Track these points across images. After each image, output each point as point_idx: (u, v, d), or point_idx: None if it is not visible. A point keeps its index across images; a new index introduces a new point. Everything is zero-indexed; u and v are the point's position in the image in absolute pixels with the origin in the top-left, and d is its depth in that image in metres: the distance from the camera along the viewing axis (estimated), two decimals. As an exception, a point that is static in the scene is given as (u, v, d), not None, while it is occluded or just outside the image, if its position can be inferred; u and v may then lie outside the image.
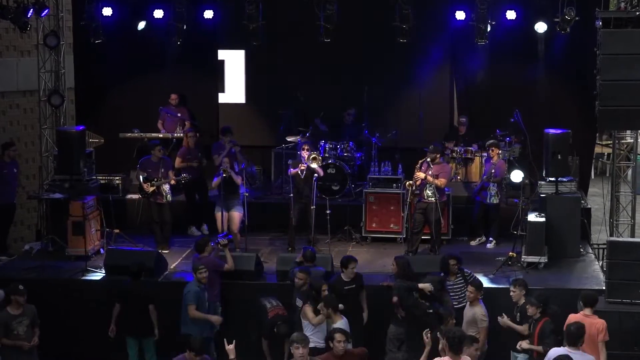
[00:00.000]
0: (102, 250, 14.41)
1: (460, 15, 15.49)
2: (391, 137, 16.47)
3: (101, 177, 15.63)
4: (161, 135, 16.51)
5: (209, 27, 16.68)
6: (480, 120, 16.55)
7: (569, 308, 11.55)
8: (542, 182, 14.19)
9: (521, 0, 15.52)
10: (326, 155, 15.58)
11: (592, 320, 10.69)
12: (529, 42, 15.88)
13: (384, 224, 15.05)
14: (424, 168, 13.82)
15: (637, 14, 12.88)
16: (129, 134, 16.55)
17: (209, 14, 16.33)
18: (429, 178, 13.67)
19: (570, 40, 15.31)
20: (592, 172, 18.93)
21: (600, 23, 13.21)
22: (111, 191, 15.50)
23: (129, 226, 15.31)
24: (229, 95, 17.61)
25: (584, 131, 15.55)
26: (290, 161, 14.95)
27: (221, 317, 12.27)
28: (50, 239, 14.54)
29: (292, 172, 14.29)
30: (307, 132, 16.36)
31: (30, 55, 17.38)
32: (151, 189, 14.41)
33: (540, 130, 14.46)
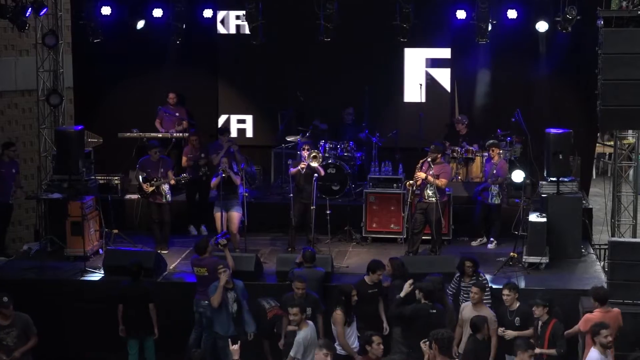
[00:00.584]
0: (101, 251, 14.38)
1: (461, 14, 15.47)
2: (391, 136, 16.40)
3: (100, 177, 15.58)
4: (160, 135, 16.45)
5: (208, 27, 16.63)
6: (481, 119, 16.55)
7: (570, 309, 11.56)
8: (544, 182, 14.13)
9: (522, -1, 15.51)
10: (326, 155, 15.51)
11: (612, 315, 10.83)
12: (530, 42, 15.86)
13: (385, 224, 15.00)
14: (424, 168, 13.76)
15: (639, 13, 12.83)
16: (128, 134, 16.49)
17: (208, 13, 16.30)
18: (430, 178, 13.62)
19: (572, 40, 15.31)
20: (594, 172, 18.92)
21: (602, 22, 13.27)
22: (110, 191, 15.46)
23: (128, 226, 15.26)
24: (228, 94, 17.50)
25: (585, 131, 15.53)
26: (291, 161, 14.90)
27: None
28: (49, 239, 14.50)
29: (292, 171, 14.22)
30: (307, 132, 16.30)
31: (28, 54, 17.36)
32: (150, 189, 14.35)
33: (541, 130, 14.41)
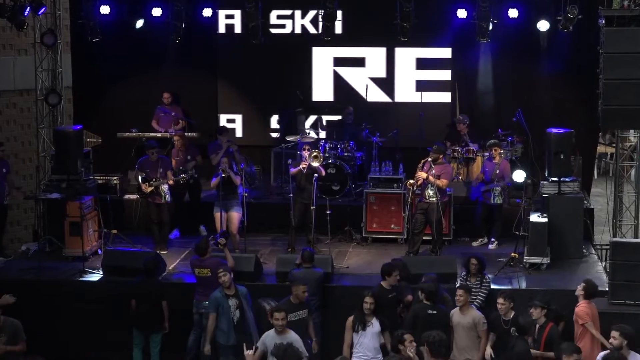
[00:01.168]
0: (99, 251, 14.32)
1: (462, 13, 15.46)
2: (391, 136, 16.34)
3: (99, 177, 15.51)
4: (159, 135, 16.39)
5: (207, 25, 16.58)
6: (482, 119, 16.50)
7: (571, 309, 11.49)
8: (545, 182, 14.09)
9: (523, -2, 15.50)
10: (326, 155, 15.45)
11: (594, 307, 11.05)
12: (531, 41, 15.84)
13: (385, 224, 14.94)
14: (425, 168, 13.72)
15: (641, 12, 12.83)
16: (127, 134, 16.43)
17: (207, 12, 16.25)
18: (431, 178, 13.57)
19: (573, 39, 15.28)
20: (595, 172, 18.90)
21: (603, 21, 13.28)
22: (109, 191, 15.39)
23: (127, 227, 15.19)
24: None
25: (586, 130, 15.49)
26: (291, 161, 14.84)
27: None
28: (47, 239, 14.46)
29: (293, 172, 14.15)
30: (307, 132, 16.22)
31: (27, 53, 17.35)
32: (149, 190, 14.29)
33: (542, 129, 14.38)
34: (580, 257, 13.86)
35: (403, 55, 16.87)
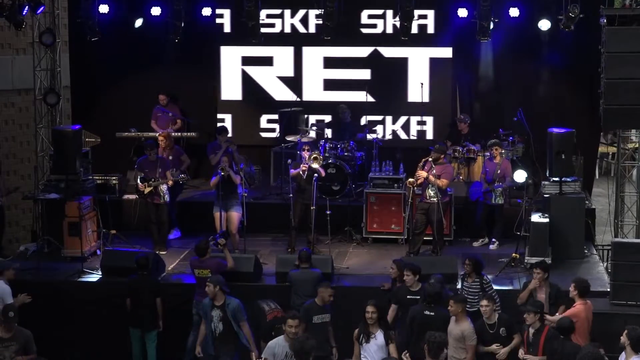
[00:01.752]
0: (98, 252, 14.28)
1: (462, 12, 15.43)
2: (392, 136, 16.29)
3: (98, 177, 15.45)
4: (157, 135, 16.28)
5: (207, 25, 16.54)
6: (483, 119, 16.47)
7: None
8: (546, 182, 14.08)
9: (524, -3, 15.46)
10: (326, 155, 15.39)
11: (589, 306, 11.02)
12: (532, 40, 15.80)
13: (385, 224, 14.88)
14: (426, 167, 13.67)
15: (643, 11, 12.80)
16: (126, 134, 16.39)
17: (207, 11, 16.22)
18: (431, 178, 13.52)
19: (574, 38, 15.22)
20: (597, 172, 18.86)
21: (605, 20, 13.24)
22: (108, 191, 15.34)
23: (126, 227, 15.15)
24: (227, 94, 17.37)
25: (588, 130, 15.43)
26: (290, 161, 14.78)
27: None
28: (46, 240, 14.41)
29: (293, 173, 14.08)
30: (307, 132, 16.17)
31: (25, 53, 17.30)
32: (148, 190, 14.23)
33: (543, 129, 14.33)
34: (581, 258, 13.82)
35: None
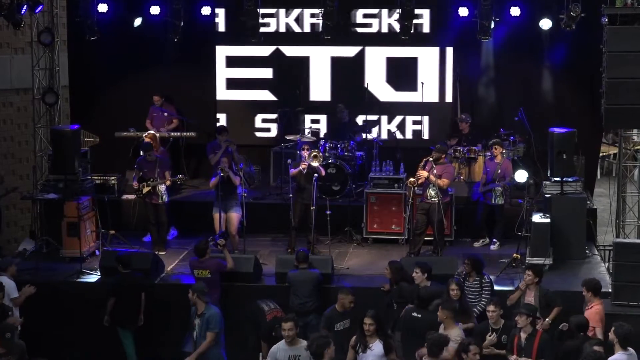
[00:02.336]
0: (97, 252, 14.24)
1: (463, 11, 15.37)
2: (392, 135, 16.25)
3: (96, 177, 15.43)
4: (157, 135, 16.26)
5: (206, 24, 16.52)
6: (484, 118, 16.42)
7: (574, 311, 11.41)
8: (547, 182, 14.04)
9: (525, -4, 15.44)
10: (327, 154, 15.35)
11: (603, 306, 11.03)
12: (533, 39, 15.76)
13: (386, 225, 14.84)
14: (427, 167, 13.64)
15: (644, 10, 12.75)
16: (125, 133, 16.32)
17: (206, 10, 16.19)
18: (432, 177, 13.48)
19: (576, 38, 15.19)
20: (598, 172, 18.84)
21: (606, 20, 13.20)
22: (107, 191, 15.31)
23: (125, 227, 15.11)
24: (227, 93, 17.31)
25: (589, 130, 15.40)
26: (290, 161, 14.72)
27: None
28: (45, 240, 14.38)
29: (293, 173, 14.02)
30: (306, 131, 16.12)
31: (24, 52, 17.26)
32: (146, 190, 14.16)
33: (545, 129, 14.31)
34: (583, 258, 13.78)
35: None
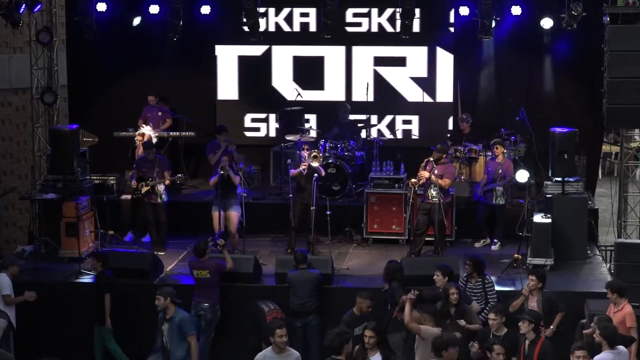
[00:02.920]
0: (96, 252, 14.14)
1: (464, 10, 15.36)
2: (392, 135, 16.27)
3: (95, 177, 15.38)
4: (157, 134, 16.18)
5: (205, 23, 16.47)
6: (485, 118, 16.37)
7: (575, 311, 11.36)
8: (548, 182, 14.01)
9: (526, -5, 15.42)
10: (327, 154, 15.30)
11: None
12: (534, 39, 15.74)
13: (386, 225, 14.78)
14: (428, 167, 13.61)
15: (646, 9, 12.71)
16: (124, 133, 16.25)
17: (205, 9, 16.15)
18: (433, 178, 13.43)
19: (577, 37, 15.18)
20: (600, 171, 18.79)
21: (608, 19, 13.18)
22: (106, 191, 15.27)
23: (124, 227, 15.03)
24: (226, 93, 17.26)
25: (591, 130, 15.39)
26: (290, 161, 14.65)
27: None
28: (43, 240, 14.33)
29: (293, 173, 13.96)
30: (307, 131, 16.08)
31: (22, 51, 17.17)
32: (145, 189, 14.12)
33: (546, 128, 14.27)
34: (584, 259, 13.75)
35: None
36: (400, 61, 16.57)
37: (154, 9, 15.87)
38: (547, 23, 15.15)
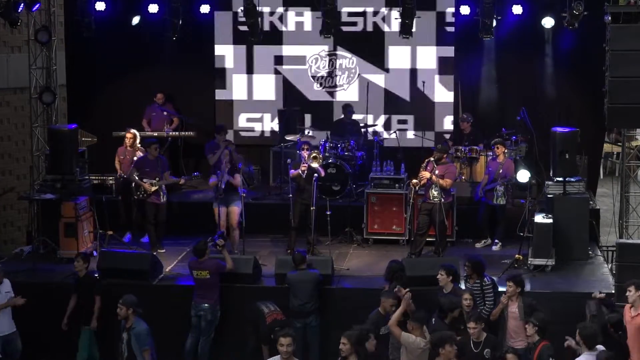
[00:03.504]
0: (95, 253, 14.09)
1: (465, 9, 15.41)
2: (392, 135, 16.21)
3: (94, 177, 15.34)
4: (156, 134, 16.26)
5: (205, 23, 16.47)
6: (486, 118, 16.36)
7: (576, 312, 11.30)
8: (550, 182, 13.96)
9: (527, -6, 15.42)
10: (327, 154, 15.25)
11: None
12: (535, 38, 15.78)
13: (386, 225, 14.72)
14: (429, 168, 13.55)
15: (648, 8, 12.66)
16: (123, 133, 16.14)
17: (205, 8, 16.13)
18: (434, 178, 13.36)
19: (579, 36, 15.18)
20: (601, 171, 18.80)
21: (609, 18, 13.13)
22: (104, 192, 15.23)
23: (123, 227, 14.98)
24: (226, 92, 17.22)
25: (592, 129, 15.39)
26: (290, 161, 14.59)
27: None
28: (42, 240, 14.28)
29: (293, 174, 13.90)
30: (307, 131, 16.04)
31: (20, 51, 17.17)
32: (154, 188, 14.07)
33: (547, 128, 14.27)
34: (585, 259, 13.70)
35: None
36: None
37: (153, 8, 15.93)
38: (548, 22, 15.20)
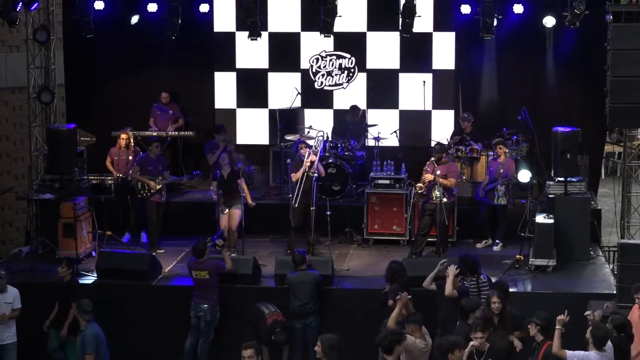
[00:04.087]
0: (94, 253, 14.14)
1: (465, 9, 15.34)
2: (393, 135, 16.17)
3: (93, 177, 15.27)
4: (155, 134, 16.23)
5: (204, 22, 16.42)
6: (487, 118, 16.30)
7: (577, 313, 11.23)
8: (551, 182, 13.95)
9: (528, -6, 15.38)
10: (326, 154, 15.18)
11: None
12: (536, 37, 15.72)
13: (387, 225, 14.69)
14: (430, 169, 13.53)
15: (649, 7, 12.63)
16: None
17: (204, 7, 16.10)
18: (438, 179, 13.30)
19: (580, 35, 15.13)
20: (603, 171, 18.80)
21: (611, 17, 13.11)
22: (103, 192, 15.16)
23: (122, 228, 14.96)
24: (226, 92, 17.16)
25: (593, 129, 15.35)
26: (290, 161, 14.55)
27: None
28: (40, 241, 14.27)
29: (294, 178, 13.83)
30: (307, 131, 15.99)
31: (19, 50, 17.15)
32: (158, 187, 14.10)
33: (548, 128, 14.25)
34: (587, 259, 13.69)
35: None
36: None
37: (152, 7, 15.88)
38: (549, 21, 15.14)
